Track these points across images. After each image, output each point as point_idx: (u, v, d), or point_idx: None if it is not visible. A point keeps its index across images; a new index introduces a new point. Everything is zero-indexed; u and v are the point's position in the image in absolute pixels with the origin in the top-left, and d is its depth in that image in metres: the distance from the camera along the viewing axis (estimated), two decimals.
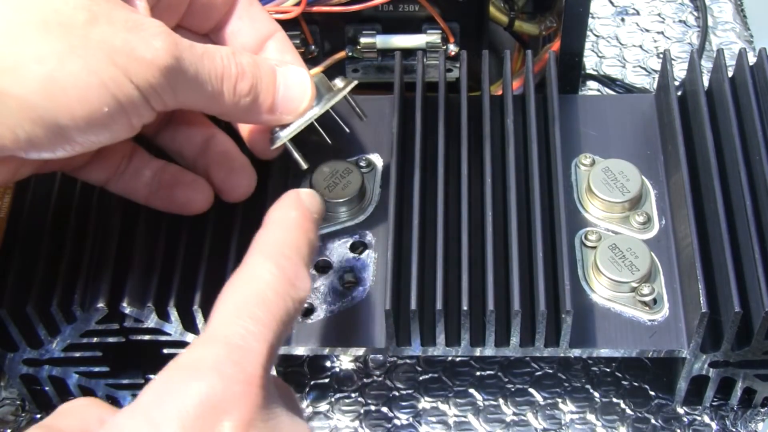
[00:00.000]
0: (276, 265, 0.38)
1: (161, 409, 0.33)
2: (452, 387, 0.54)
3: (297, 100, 0.45)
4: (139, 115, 0.40)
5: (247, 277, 0.37)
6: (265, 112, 0.44)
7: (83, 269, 0.47)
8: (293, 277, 0.38)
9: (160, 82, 0.39)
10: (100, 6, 0.38)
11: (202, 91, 0.41)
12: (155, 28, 0.39)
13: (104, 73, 0.38)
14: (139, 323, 0.47)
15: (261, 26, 0.48)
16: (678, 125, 0.51)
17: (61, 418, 0.36)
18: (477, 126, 0.52)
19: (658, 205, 0.52)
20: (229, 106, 0.43)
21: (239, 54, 0.43)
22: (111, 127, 0.39)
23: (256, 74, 0.43)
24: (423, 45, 0.58)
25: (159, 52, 0.39)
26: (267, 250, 0.39)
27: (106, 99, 0.38)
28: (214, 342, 0.35)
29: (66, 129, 0.38)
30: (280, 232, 0.40)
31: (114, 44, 0.38)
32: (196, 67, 0.40)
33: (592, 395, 0.54)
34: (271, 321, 0.36)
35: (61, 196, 0.50)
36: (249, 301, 0.36)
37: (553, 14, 0.61)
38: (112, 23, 0.38)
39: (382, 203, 0.53)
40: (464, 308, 0.46)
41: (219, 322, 0.36)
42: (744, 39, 0.71)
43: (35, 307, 0.46)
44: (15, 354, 0.49)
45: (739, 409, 0.52)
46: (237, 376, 0.34)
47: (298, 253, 0.39)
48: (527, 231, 0.50)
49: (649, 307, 0.49)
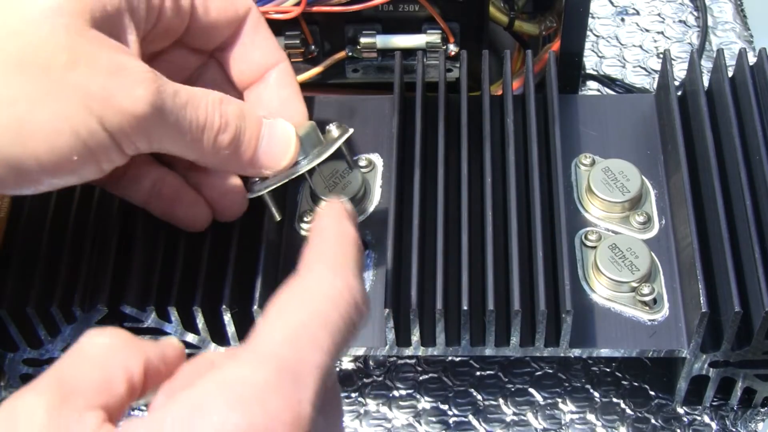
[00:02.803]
0: (345, 284, 0.33)
1: None
2: (452, 387, 0.54)
3: (278, 156, 0.44)
4: (109, 160, 0.39)
5: (309, 291, 0.33)
6: (244, 165, 0.43)
7: (83, 269, 0.47)
8: (360, 299, 0.33)
9: (135, 130, 0.38)
10: (83, 47, 0.37)
11: (180, 140, 0.40)
12: (139, 74, 0.38)
13: (77, 119, 0.36)
14: (139, 323, 0.47)
15: (265, 54, 0.46)
16: (678, 125, 0.51)
17: (78, 368, 0.32)
18: (477, 126, 0.52)
19: (658, 205, 0.52)
20: (207, 156, 0.42)
21: (227, 102, 0.41)
22: (79, 172, 0.38)
23: (240, 127, 0.42)
24: (423, 45, 0.58)
25: (138, 100, 0.37)
26: (334, 265, 0.34)
27: (77, 147, 0.37)
28: (265, 363, 0.30)
29: (31, 172, 0.37)
30: (345, 247, 0.35)
31: (91, 90, 0.37)
32: (177, 116, 0.39)
33: (592, 395, 0.54)
34: (330, 345, 0.32)
35: (61, 196, 0.50)
36: (309, 320, 0.32)
37: (553, 14, 0.61)
38: (92, 66, 0.37)
39: (382, 203, 0.53)
40: (464, 308, 0.46)
41: (272, 338, 0.31)
42: (744, 39, 0.71)
43: (35, 307, 0.46)
44: (15, 354, 0.49)
45: (739, 409, 0.52)
46: (284, 414, 0.30)
47: (361, 271, 0.35)
48: (527, 231, 0.50)
49: (649, 307, 0.49)
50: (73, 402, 0.30)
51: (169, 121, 0.39)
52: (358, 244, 0.36)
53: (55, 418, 0.30)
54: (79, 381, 0.31)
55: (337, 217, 0.37)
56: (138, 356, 0.33)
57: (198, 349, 0.48)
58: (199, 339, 0.48)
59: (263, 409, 0.29)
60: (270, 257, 0.49)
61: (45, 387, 0.31)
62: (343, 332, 0.33)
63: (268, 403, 0.30)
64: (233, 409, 0.29)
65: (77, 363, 0.32)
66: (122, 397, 0.32)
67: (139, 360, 0.32)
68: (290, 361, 0.31)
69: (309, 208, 0.52)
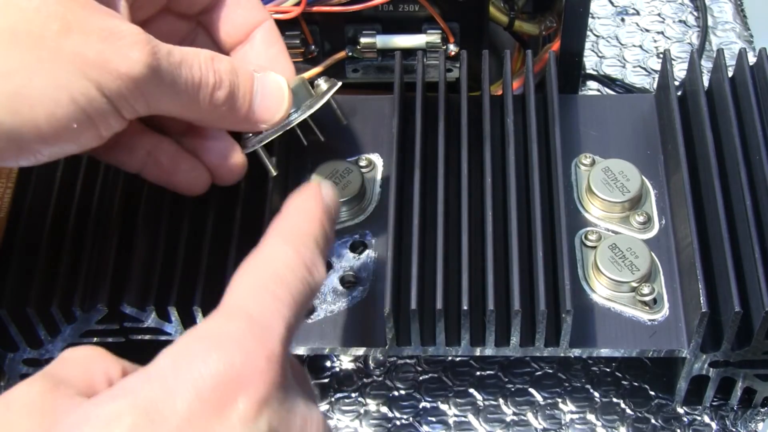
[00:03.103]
0: (294, 249, 0.37)
1: (177, 376, 0.32)
2: (452, 387, 0.54)
3: (273, 108, 0.44)
4: (108, 126, 0.39)
5: (265, 258, 0.37)
6: (240, 120, 0.44)
7: (83, 269, 0.47)
8: (310, 263, 0.37)
9: (133, 93, 0.38)
10: (75, 13, 0.37)
11: (177, 100, 0.40)
12: (132, 36, 0.38)
13: (74, 87, 0.37)
14: (139, 323, 0.47)
15: (249, 14, 0.47)
16: (678, 125, 0.51)
17: (64, 366, 0.34)
18: (477, 126, 0.52)
19: (658, 205, 0.52)
20: (204, 114, 0.42)
21: (218, 60, 0.42)
22: (78, 140, 0.38)
23: (234, 82, 0.42)
24: (423, 45, 0.58)
25: (135, 63, 0.37)
26: (286, 235, 0.38)
27: (76, 114, 0.37)
28: (235, 315, 0.34)
29: (31, 143, 0.37)
30: (299, 221, 0.39)
31: (87, 56, 0.37)
32: (173, 76, 0.39)
33: (592, 395, 0.54)
34: (290, 300, 0.35)
35: (61, 196, 0.50)
36: (268, 280, 0.35)
37: (553, 14, 0.61)
38: (86, 33, 0.37)
39: (382, 203, 0.53)
40: (464, 308, 0.46)
41: (238, 296, 0.35)
42: (744, 39, 0.71)
43: (35, 307, 0.46)
44: (15, 354, 0.49)
45: (739, 409, 0.52)
46: (258, 351, 0.33)
47: (315, 242, 0.38)
48: (527, 231, 0.50)
49: (649, 307, 0.49)
50: (63, 389, 0.33)
51: (166, 81, 0.39)
52: (321, 221, 0.39)
53: (46, 397, 0.32)
54: (66, 377, 0.33)
55: (305, 196, 0.40)
56: (116, 363, 0.35)
57: None
58: None
59: (240, 349, 0.32)
60: None
61: (34, 379, 0.33)
62: (300, 289, 0.36)
63: (243, 344, 0.33)
64: (212, 352, 0.32)
65: (63, 364, 0.34)
66: None
67: (118, 366, 0.35)
68: (257, 313, 0.34)
69: None
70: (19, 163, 0.39)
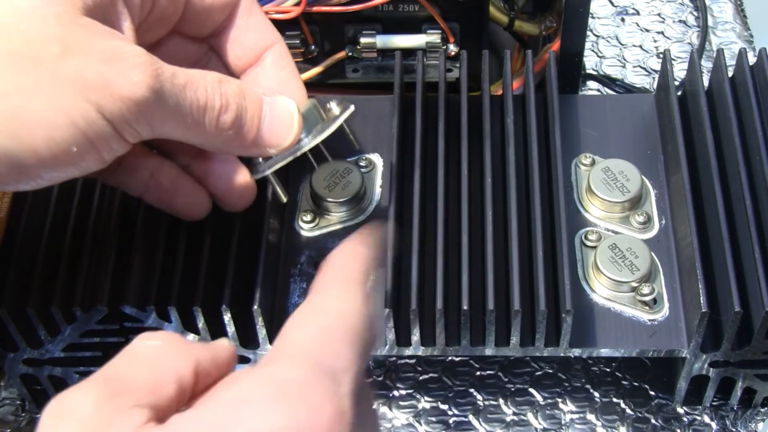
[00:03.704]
0: (363, 300, 0.34)
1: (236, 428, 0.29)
2: (452, 387, 0.54)
3: (282, 133, 0.43)
4: (111, 149, 0.38)
5: (331, 304, 0.34)
6: (248, 145, 0.42)
7: (83, 269, 0.47)
8: (374, 316, 0.35)
9: (136, 116, 0.37)
10: (76, 35, 0.36)
11: (182, 123, 0.39)
12: (135, 58, 0.37)
13: (74, 110, 0.36)
14: (139, 323, 0.47)
15: (260, 36, 0.46)
16: (678, 125, 0.51)
17: (130, 365, 0.32)
18: (477, 126, 0.52)
19: (658, 205, 0.52)
20: (210, 138, 0.41)
21: (225, 82, 0.41)
22: (79, 164, 0.38)
23: (241, 106, 0.41)
24: (423, 45, 0.58)
25: (136, 85, 0.37)
26: (352, 279, 0.35)
27: (75, 138, 0.36)
28: (300, 362, 0.31)
29: (31, 167, 0.36)
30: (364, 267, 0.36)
31: (87, 78, 0.36)
32: (177, 99, 0.38)
33: (592, 395, 0.54)
34: (359, 352, 0.32)
35: (61, 196, 0.50)
36: (337, 326, 0.33)
37: (553, 14, 0.61)
38: (86, 54, 0.36)
39: (382, 203, 0.53)
40: (464, 308, 0.46)
41: (303, 340, 0.32)
42: (744, 39, 0.71)
43: (35, 307, 0.46)
44: (15, 354, 0.49)
45: (739, 409, 0.52)
46: (324, 407, 0.30)
47: (379, 294, 0.37)
48: (527, 231, 0.50)
49: (649, 306, 0.49)
50: (121, 399, 0.30)
51: (170, 104, 0.38)
52: (368, 263, 0.37)
53: (101, 411, 0.30)
54: (129, 380, 0.31)
55: (364, 240, 0.38)
56: (189, 359, 0.32)
57: None
58: (200, 339, 0.48)
59: (305, 402, 0.30)
60: (270, 257, 0.49)
61: (94, 383, 0.31)
62: (365, 340, 0.33)
63: (310, 397, 0.30)
64: (276, 403, 0.29)
65: (128, 363, 0.32)
66: (171, 399, 0.31)
67: (190, 363, 0.32)
68: (324, 360, 0.31)
69: (309, 208, 0.52)
70: (19, 187, 0.38)
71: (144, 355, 0.32)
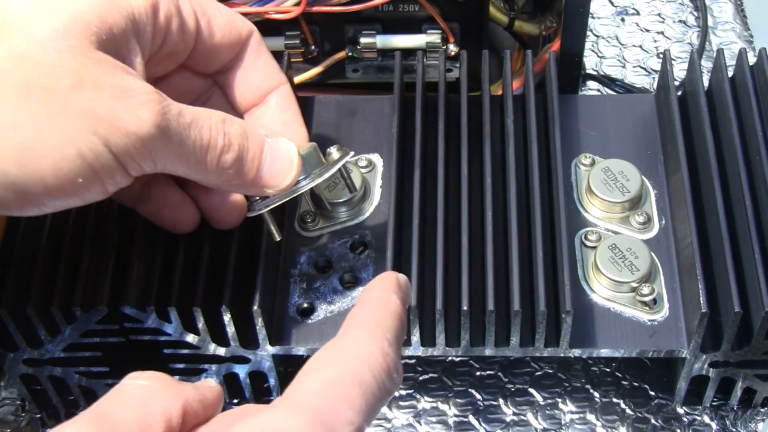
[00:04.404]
0: (380, 349, 0.35)
1: None
2: (452, 387, 0.54)
3: (281, 175, 0.43)
4: (114, 182, 0.39)
5: (346, 351, 0.35)
6: (247, 184, 0.43)
7: (83, 269, 0.47)
8: (393, 367, 0.35)
9: (140, 151, 0.38)
10: (89, 69, 0.37)
11: (184, 160, 0.40)
12: (144, 95, 0.38)
13: (82, 142, 0.36)
14: (139, 323, 0.47)
15: (267, 77, 0.47)
16: (678, 125, 0.51)
17: (119, 405, 0.33)
18: (477, 126, 0.52)
19: (658, 205, 0.52)
20: (211, 176, 0.41)
21: (229, 122, 0.41)
22: (83, 194, 0.38)
23: (243, 146, 0.42)
24: (423, 45, 0.58)
25: (143, 122, 0.37)
26: (372, 330, 0.36)
27: (82, 169, 0.37)
28: (300, 410, 0.32)
29: (36, 195, 0.37)
30: (386, 317, 0.37)
31: (97, 112, 0.37)
32: (181, 137, 0.39)
33: (592, 395, 0.54)
34: (363, 405, 0.33)
35: None
36: (346, 379, 0.33)
37: (553, 14, 0.61)
38: (98, 89, 0.37)
39: (382, 203, 0.53)
40: (464, 308, 0.46)
41: (308, 389, 0.33)
42: (744, 39, 0.71)
43: (35, 307, 0.46)
44: (15, 354, 0.49)
45: (739, 409, 0.52)
46: None
47: (399, 342, 0.36)
48: (527, 231, 0.50)
49: (649, 307, 0.49)
50: None
51: (173, 141, 0.39)
52: (400, 315, 0.38)
53: None
54: (119, 419, 0.32)
55: (384, 286, 0.39)
56: (177, 399, 0.33)
57: (198, 349, 0.49)
58: (199, 339, 0.48)
59: None
60: (270, 257, 0.49)
61: (84, 422, 0.32)
62: (376, 395, 0.34)
63: None
64: None
65: (118, 402, 0.33)
66: None
67: (178, 403, 0.33)
68: (324, 414, 0.32)
69: (309, 209, 0.52)
70: (23, 213, 0.38)
71: (133, 395, 0.33)
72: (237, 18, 0.45)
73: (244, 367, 0.50)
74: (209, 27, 0.44)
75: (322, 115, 0.56)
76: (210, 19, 0.44)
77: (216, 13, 0.44)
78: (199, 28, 0.43)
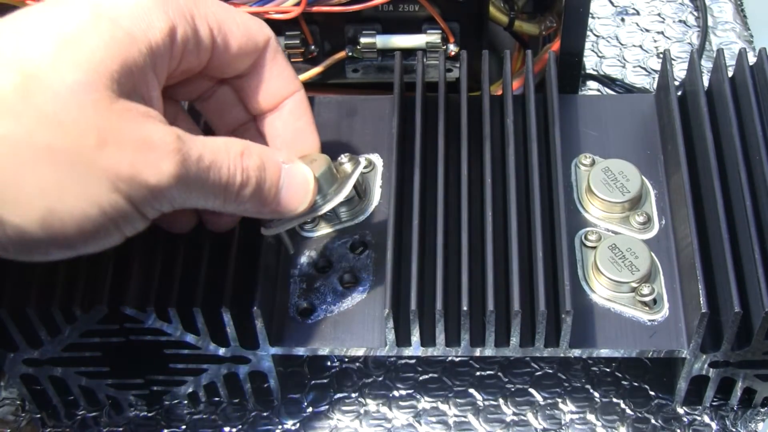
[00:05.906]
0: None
1: None
2: (452, 387, 0.54)
3: (298, 200, 0.44)
4: (133, 228, 0.39)
5: None
6: (264, 213, 0.44)
7: (83, 269, 0.47)
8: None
9: (159, 199, 0.38)
10: (111, 123, 0.37)
11: (202, 199, 0.40)
12: (165, 146, 0.38)
13: (105, 200, 0.37)
14: (139, 324, 0.47)
15: (283, 84, 0.46)
16: (678, 125, 0.51)
17: None
18: (477, 126, 0.52)
19: (658, 205, 0.52)
20: (228, 208, 0.42)
21: (247, 155, 0.41)
22: (103, 243, 0.39)
23: (261, 178, 0.42)
24: (423, 45, 0.58)
25: (164, 175, 0.38)
26: None
27: (104, 224, 0.37)
28: None
29: (59, 250, 0.38)
30: None
31: (120, 170, 0.37)
32: (201, 181, 0.39)
33: (592, 395, 0.54)
34: None
35: None
36: None
37: (553, 14, 0.61)
38: (120, 144, 0.37)
39: (382, 203, 0.53)
40: (464, 308, 0.46)
41: None
42: (744, 39, 0.71)
43: (35, 307, 0.46)
44: (15, 354, 0.49)
45: (739, 409, 0.52)
46: None
47: None
48: (527, 231, 0.50)
49: (649, 307, 0.49)
50: None
51: (193, 186, 0.39)
52: None
53: None
54: None
55: None
56: None
57: (198, 350, 0.49)
58: (200, 339, 0.48)
59: None
60: (270, 257, 0.49)
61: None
62: None
63: None
64: None
65: None
66: None
67: None
68: None
69: None
70: (33, 259, 0.39)
71: None
72: (253, 26, 0.44)
73: (244, 367, 0.50)
74: (225, 42, 0.43)
75: (322, 115, 0.56)
76: (226, 33, 0.43)
77: (233, 26, 0.43)
78: (215, 44, 0.43)
